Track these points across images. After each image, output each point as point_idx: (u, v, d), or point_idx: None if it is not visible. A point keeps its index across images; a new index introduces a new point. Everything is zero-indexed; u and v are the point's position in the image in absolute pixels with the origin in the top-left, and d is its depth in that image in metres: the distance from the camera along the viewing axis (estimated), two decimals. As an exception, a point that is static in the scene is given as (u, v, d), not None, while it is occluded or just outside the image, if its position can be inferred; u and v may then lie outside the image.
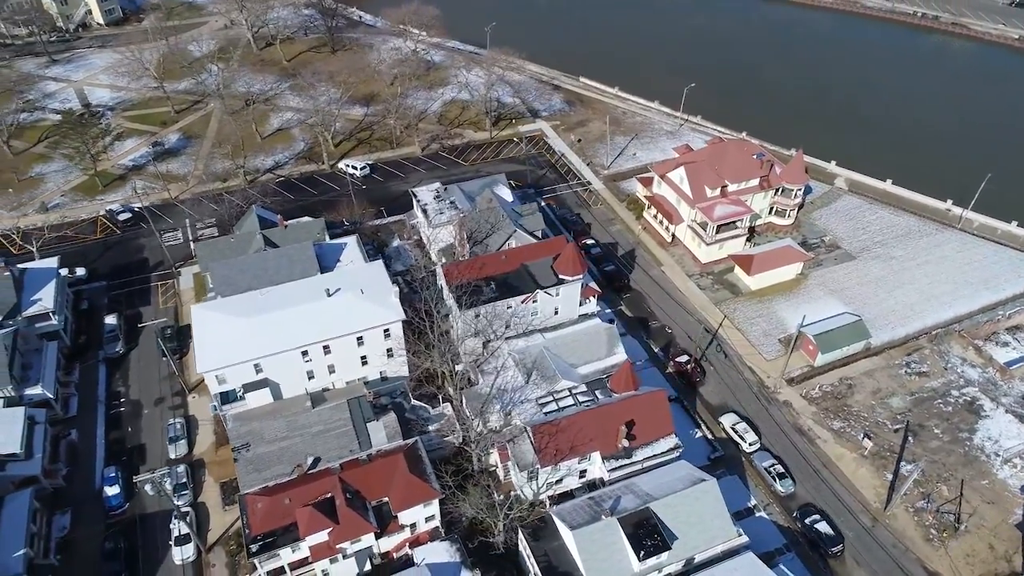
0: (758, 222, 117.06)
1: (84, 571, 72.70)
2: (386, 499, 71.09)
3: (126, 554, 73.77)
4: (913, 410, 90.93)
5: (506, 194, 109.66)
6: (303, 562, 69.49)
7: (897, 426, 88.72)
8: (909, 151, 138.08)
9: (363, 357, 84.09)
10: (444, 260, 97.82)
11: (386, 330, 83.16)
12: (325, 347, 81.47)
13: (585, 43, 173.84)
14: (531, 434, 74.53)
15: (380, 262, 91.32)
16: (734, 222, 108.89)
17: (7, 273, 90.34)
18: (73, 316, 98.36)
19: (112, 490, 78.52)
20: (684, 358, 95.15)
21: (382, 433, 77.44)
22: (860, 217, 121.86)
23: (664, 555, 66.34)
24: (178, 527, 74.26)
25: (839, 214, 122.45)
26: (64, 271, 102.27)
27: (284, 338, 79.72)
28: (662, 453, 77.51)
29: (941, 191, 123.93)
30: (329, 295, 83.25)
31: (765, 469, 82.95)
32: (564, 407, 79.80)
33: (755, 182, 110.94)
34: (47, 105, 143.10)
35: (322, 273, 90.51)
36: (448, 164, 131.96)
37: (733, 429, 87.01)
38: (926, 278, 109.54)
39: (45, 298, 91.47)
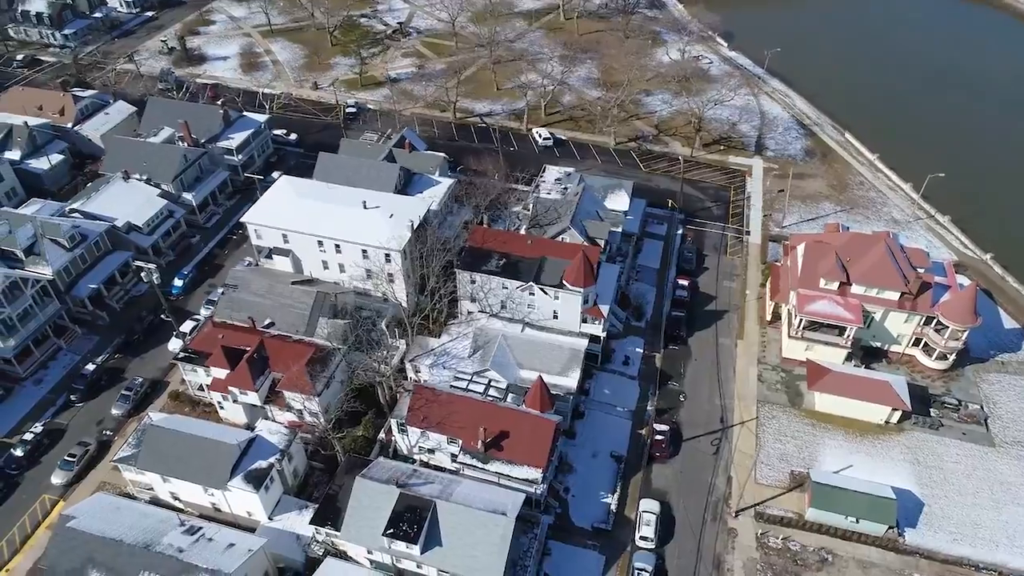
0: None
1: (126, 320, 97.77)
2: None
3: (149, 326, 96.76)
4: (881, 634, 68.49)
5: (621, 201, 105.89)
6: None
7: (839, 634, 68.19)
8: None
9: (368, 271, 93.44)
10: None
11: (387, 255, 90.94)
12: (337, 246, 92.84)
13: (880, 100, 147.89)
14: (412, 391, 76.89)
15: (426, 201, 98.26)
16: (837, 328, 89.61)
17: (221, 111, 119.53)
18: (262, 162, 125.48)
19: (178, 282, 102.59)
20: (663, 428, 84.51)
21: (325, 331, 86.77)
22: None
23: (414, 549, 64.94)
24: (182, 327, 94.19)
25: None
26: (281, 132, 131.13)
27: (310, 224, 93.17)
28: (518, 479, 72.95)
29: None
30: (365, 208, 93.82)
31: (635, 569, 71.84)
32: (469, 389, 79.54)
33: (892, 295, 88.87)
34: (380, 16, 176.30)
35: (397, 193, 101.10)
36: (627, 164, 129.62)
37: (640, 516, 76.20)
38: (1078, 518, 77.37)
39: (237, 139, 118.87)
